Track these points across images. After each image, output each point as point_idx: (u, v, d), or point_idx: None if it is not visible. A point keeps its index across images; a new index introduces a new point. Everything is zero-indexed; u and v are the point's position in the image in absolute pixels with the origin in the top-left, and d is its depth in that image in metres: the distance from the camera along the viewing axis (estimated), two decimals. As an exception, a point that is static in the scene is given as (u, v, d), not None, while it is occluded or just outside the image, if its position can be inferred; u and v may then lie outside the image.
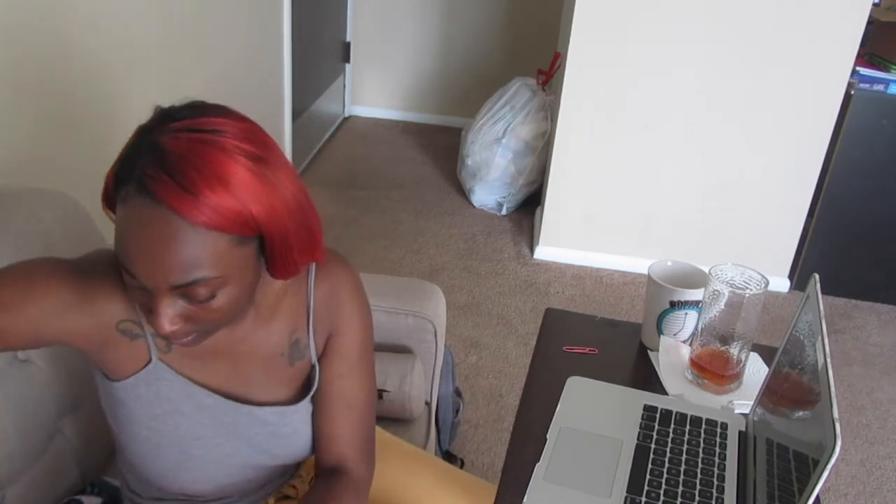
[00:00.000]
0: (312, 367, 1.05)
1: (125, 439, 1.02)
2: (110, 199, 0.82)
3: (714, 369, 1.16)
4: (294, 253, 0.88)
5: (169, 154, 0.77)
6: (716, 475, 1.00)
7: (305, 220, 0.88)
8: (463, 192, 3.66)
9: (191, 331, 0.87)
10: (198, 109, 0.82)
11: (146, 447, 1.01)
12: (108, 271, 0.93)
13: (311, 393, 1.05)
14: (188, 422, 1.00)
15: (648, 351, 1.26)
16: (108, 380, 1.00)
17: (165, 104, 0.84)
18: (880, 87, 2.76)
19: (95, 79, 1.82)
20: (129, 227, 0.79)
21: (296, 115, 3.50)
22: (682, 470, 1.00)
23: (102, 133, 1.85)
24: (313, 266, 1.03)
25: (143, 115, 0.83)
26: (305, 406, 1.05)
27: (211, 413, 1.01)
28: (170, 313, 0.83)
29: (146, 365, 0.97)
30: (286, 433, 1.05)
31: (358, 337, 1.06)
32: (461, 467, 1.93)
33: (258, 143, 0.82)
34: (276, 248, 0.85)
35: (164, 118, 0.81)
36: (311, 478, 1.21)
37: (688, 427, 1.08)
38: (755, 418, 1.08)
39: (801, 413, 0.90)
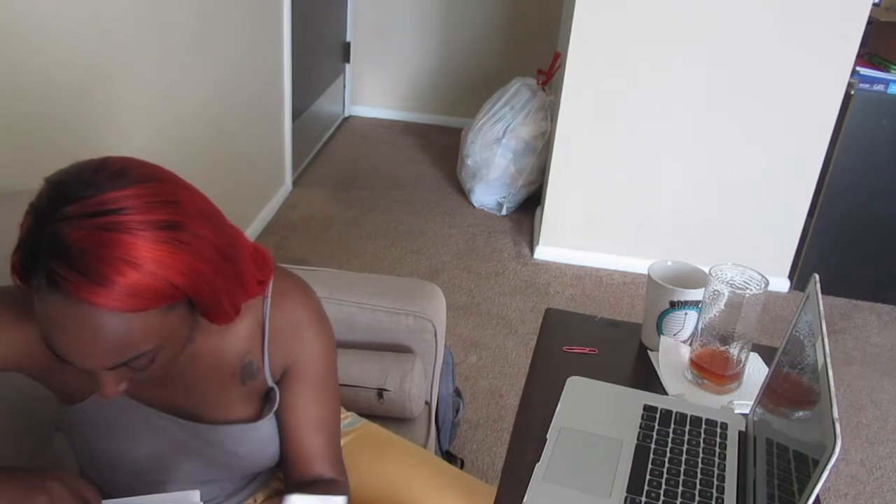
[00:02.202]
0: (270, 388, 1.03)
1: (84, 462, 1.01)
2: (21, 278, 0.78)
3: (714, 369, 1.16)
4: (225, 302, 0.85)
5: (71, 248, 0.73)
6: (716, 475, 1.00)
7: (231, 265, 0.85)
8: (463, 192, 3.66)
9: (133, 385, 0.87)
10: (92, 186, 0.75)
11: (105, 472, 1.01)
12: None
13: (272, 412, 1.03)
14: (143, 444, 1.00)
15: (648, 351, 1.26)
16: (62, 403, 0.99)
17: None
18: (880, 87, 2.76)
19: (95, 80, 1.82)
20: (51, 321, 0.76)
21: (296, 115, 3.50)
22: (682, 470, 1.00)
23: (102, 134, 1.85)
24: (269, 292, 1.00)
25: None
26: (265, 424, 1.04)
27: (165, 434, 1.00)
28: (112, 382, 0.82)
29: (93, 391, 0.96)
30: (243, 453, 1.04)
31: (321, 363, 1.04)
32: (461, 467, 1.93)
33: (165, 205, 0.77)
34: (206, 304, 0.83)
35: (58, 200, 0.75)
36: None
37: (688, 427, 1.08)
38: (755, 418, 1.08)
39: (801, 413, 0.90)
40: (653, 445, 1.04)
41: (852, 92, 2.76)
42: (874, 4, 2.73)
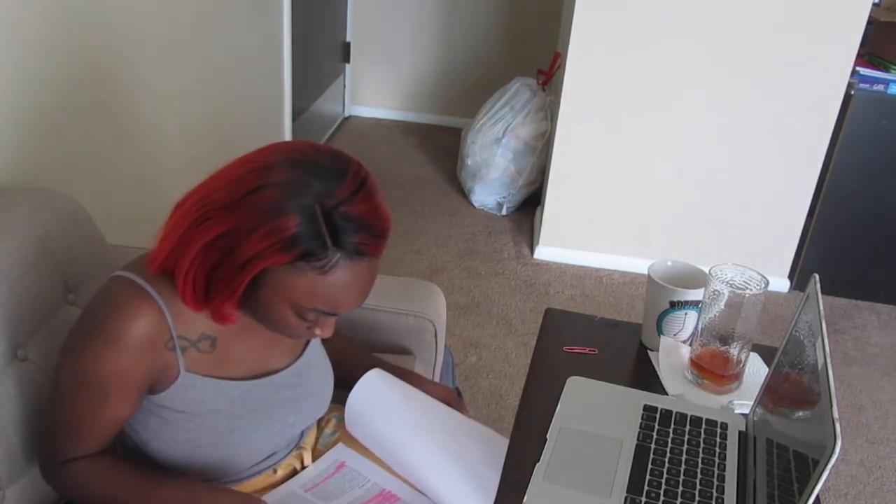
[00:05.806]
0: None
1: (161, 445, 1.04)
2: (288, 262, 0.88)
3: (714, 369, 1.16)
4: None
5: (364, 221, 0.89)
6: (716, 475, 1.00)
7: None
8: (463, 192, 3.66)
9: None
10: (339, 165, 0.90)
11: (186, 449, 1.04)
12: (134, 303, 0.96)
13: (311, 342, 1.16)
14: (224, 417, 1.04)
15: (648, 351, 1.26)
16: (152, 395, 1.03)
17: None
18: (880, 87, 2.76)
19: (94, 80, 1.82)
20: (343, 284, 0.91)
21: (296, 115, 3.50)
22: (682, 470, 1.00)
23: (98, 134, 1.85)
24: None
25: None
26: (312, 353, 1.16)
27: (242, 401, 1.06)
28: (334, 323, 1.00)
29: (176, 379, 1.01)
30: (304, 393, 1.14)
31: None
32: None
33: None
34: None
35: (326, 186, 0.87)
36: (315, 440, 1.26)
37: (688, 427, 1.08)
38: (755, 418, 1.08)
39: (801, 413, 0.90)
40: (653, 445, 1.04)
41: (852, 92, 2.76)
42: (874, 4, 2.73)
